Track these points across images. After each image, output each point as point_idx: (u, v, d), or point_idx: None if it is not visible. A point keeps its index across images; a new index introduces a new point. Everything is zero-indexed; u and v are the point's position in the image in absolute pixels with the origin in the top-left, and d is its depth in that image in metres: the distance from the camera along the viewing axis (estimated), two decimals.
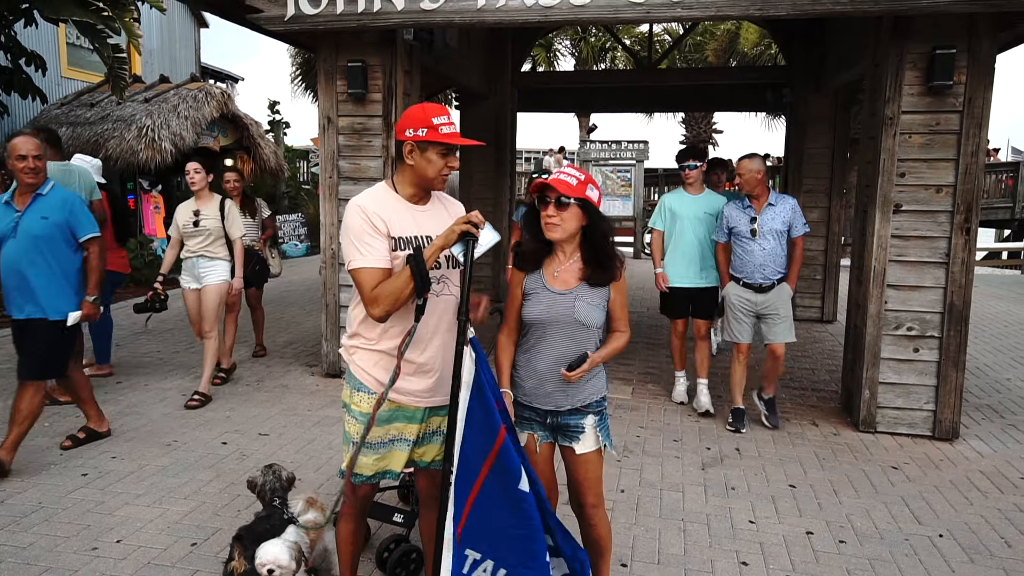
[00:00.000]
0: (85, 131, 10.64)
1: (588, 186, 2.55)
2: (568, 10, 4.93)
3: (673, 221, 5.41)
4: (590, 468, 2.68)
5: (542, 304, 2.62)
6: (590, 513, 2.74)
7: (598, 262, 2.59)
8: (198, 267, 5.56)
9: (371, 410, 2.47)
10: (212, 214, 5.54)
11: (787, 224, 4.91)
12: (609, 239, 2.62)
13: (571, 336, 2.61)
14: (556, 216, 2.54)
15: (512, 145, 10.05)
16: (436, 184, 2.50)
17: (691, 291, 5.41)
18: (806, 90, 8.59)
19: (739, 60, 18.66)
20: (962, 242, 4.82)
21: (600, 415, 2.68)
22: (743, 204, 4.99)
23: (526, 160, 29.78)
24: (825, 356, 7.11)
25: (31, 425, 4.19)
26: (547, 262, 2.67)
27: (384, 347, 2.50)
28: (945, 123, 4.78)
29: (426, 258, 2.37)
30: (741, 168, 4.94)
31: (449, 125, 2.43)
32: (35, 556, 3.27)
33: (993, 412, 5.60)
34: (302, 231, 15.24)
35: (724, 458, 4.57)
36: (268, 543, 2.70)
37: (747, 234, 4.91)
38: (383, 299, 2.37)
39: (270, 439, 4.70)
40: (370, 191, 2.55)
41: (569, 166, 2.68)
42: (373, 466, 2.56)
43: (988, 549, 3.53)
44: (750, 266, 4.93)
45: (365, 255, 2.40)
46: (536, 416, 2.69)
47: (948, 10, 4.45)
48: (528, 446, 2.70)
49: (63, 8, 8.31)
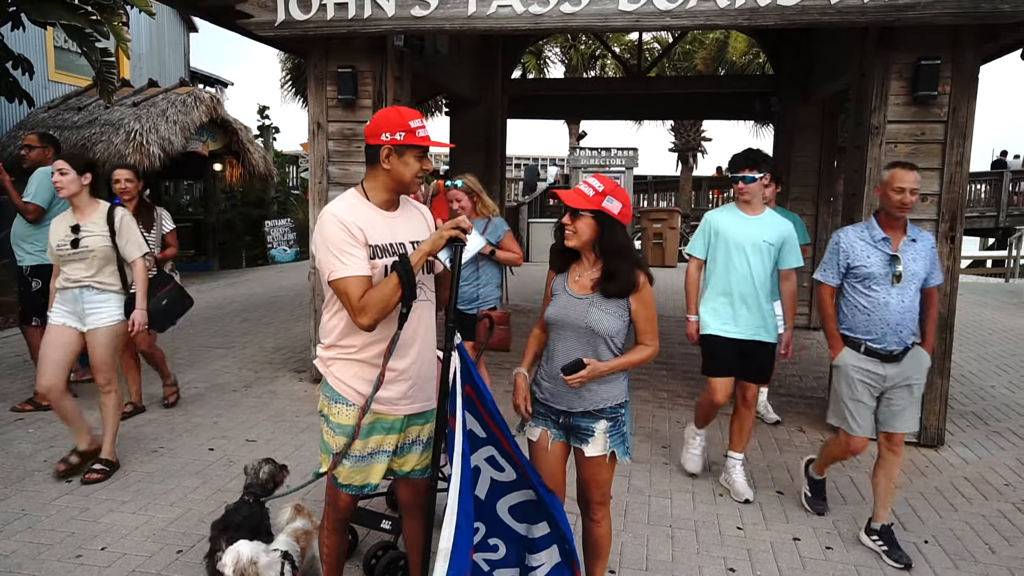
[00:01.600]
0: (73, 135, 10.57)
1: (607, 197, 2.56)
2: (558, 18, 4.95)
3: (721, 248, 4.06)
4: (599, 471, 2.72)
5: (560, 306, 2.67)
6: (595, 508, 2.79)
7: (609, 274, 2.60)
8: (82, 301, 4.11)
9: (352, 422, 2.46)
10: (98, 229, 4.12)
11: (928, 268, 3.53)
12: (623, 252, 2.59)
13: (584, 341, 2.63)
14: (571, 225, 2.60)
15: (502, 151, 10.08)
16: (412, 187, 2.50)
17: (743, 344, 4.05)
18: (794, 99, 8.67)
19: (728, 69, 18.78)
20: (947, 250, 4.87)
21: (615, 421, 2.68)
22: (871, 234, 3.53)
23: (516, 167, 29.84)
24: (813, 363, 7.16)
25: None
26: (574, 266, 2.72)
27: (364, 356, 2.48)
28: (930, 133, 4.84)
29: (413, 264, 2.37)
30: (897, 180, 3.39)
31: (423, 128, 2.43)
32: (18, 564, 3.23)
33: (978, 419, 5.65)
34: (291, 236, 15.20)
35: (712, 464, 4.58)
36: (243, 543, 2.67)
37: (883, 279, 3.46)
38: (371, 308, 2.34)
39: (257, 445, 4.67)
40: (342, 200, 2.51)
41: (595, 176, 2.68)
42: (350, 477, 2.53)
43: (972, 555, 3.56)
44: (881, 325, 3.45)
45: (348, 264, 2.36)
46: (551, 414, 2.72)
47: (933, 21, 4.51)
48: (541, 442, 2.74)
49: (51, 11, 8.26)
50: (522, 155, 33.43)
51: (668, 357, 7.21)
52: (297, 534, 2.97)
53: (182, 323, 8.26)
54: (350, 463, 2.51)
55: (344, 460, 2.50)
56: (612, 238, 2.58)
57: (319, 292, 5.97)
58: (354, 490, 2.57)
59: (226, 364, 6.64)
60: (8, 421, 5.00)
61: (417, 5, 5.08)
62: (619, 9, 4.85)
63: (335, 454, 2.50)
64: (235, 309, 9.39)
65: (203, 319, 8.62)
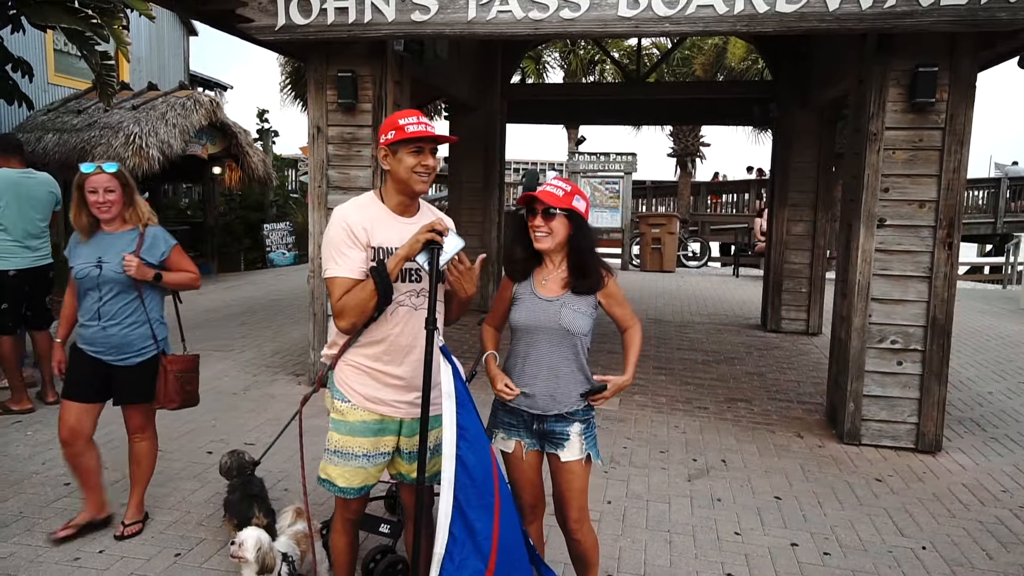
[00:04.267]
0: (72, 138, 10.57)
1: (575, 197, 2.61)
2: (558, 23, 4.97)
3: None
4: (574, 478, 2.69)
5: (529, 310, 2.66)
6: (573, 528, 2.74)
7: (582, 271, 2.63)
8: None
9: (349, 419, 2.51)
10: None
11: None
12: (593, 249, 2.67)
13: (558, 342, 2.63)
14: (544, 226, 2.60)
15: (501, 156, 10.09)
16: (414, 185, 2.48)
17: None
18: (792, 105, 8.69)
19: (726, 74, 18.80)
20: (944, 256, 4.89)
21: (587, 424, 2.69)
22: None
23: (515, 171, 29.89)
24: (810, 368, 7.17)
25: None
26: (537, 271, 2.72)
27: (362, 357, 2.51)
28: (928, 139, 4.86)
29: (389, 269, 2.37)
30: None
31: (417, 124, 2.43)
32: (16, 566, 3.23)
33: (975, 425, 5.66)
34: (290, 240, 15.20)
35: (710, 469, 4.59)
36: (257, 530, 2.73)
37: None
38: (348, 310, 2.37)
39: (256, 448, 4.65)
40: (357, 199, 2.57)
41: (556, 178, 2.72)
42: (343, 477, 2.54)
43: (970, 561, 3.56)
44: None
45: (340, 264, 2.41)
46: (523, 422, 2.70)
47: (930, 28, 4.53)
48: (515, 453, 2.72)
49: (51, 15, 8.27)
50: (521, 159, 33.46)
51: (666, 362, 7.22)
52: (298, 537, 2.99)
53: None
54: (341, 462, 2.53)
55: (334, 457, 2.53)
56: (584, 235, 2.63)
57: (318, 295, 5.98)
58: (353, 493, 2.58)
59: (224, 367, 6.64)
60: (6, 424, 5.00)
61: (417, 10, 5.10)
62: (619, 15, 4.87)
63: (327, 449, 2.56)
64: (233, 312, 9.38)
65: (201, 322, 8.61)
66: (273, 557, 2.74)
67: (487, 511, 2.29)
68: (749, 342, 8.27)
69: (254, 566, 2.72)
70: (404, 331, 2.48)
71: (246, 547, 2.71)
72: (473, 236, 9.40)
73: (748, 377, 6.81)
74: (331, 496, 2.64)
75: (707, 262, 17.55)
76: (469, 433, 2.29)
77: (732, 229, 19.24)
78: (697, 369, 7.04)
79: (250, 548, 2.70)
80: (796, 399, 6.20)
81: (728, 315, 10.06)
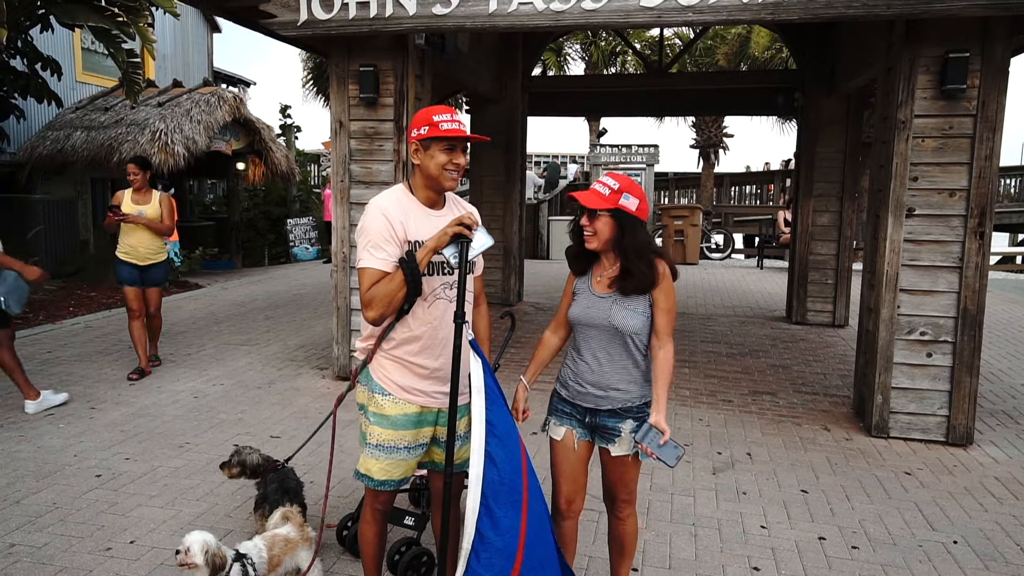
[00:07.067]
0: (99, 135, 10.74)
1: (623, 195, 2.53)
2: (579, 15, 4.93)
3: None
4: (625, 470, 2.71)
5: (583, 306, 2.66)
6: (621, 507, 2.78)
7: (627, 270, 2.58)
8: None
9: (392, 413, 2.52)
10: None
11: None
12: (643, 249, 2.55)
13: (609, 340, 2.63)
14: (589, 226, 2.58)
15: (522, 149, 10.06)
16: (443, 182, 2.49)
17: None
18: (817, 94, 8.55)
19: (750, 64, 18.57)
20: (976, 246, 4.79)
21: (641, 421, 2.67)
22: None
23: (536, 164, 29.82)
24: (837, 360, 7.08)
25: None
26: (596, 266, 2.71)
27: (400, 353, 2.52)
28: (958, 127, 4.76)
29: (419, 260, 2.38)
30: None
31: (451, 122, 2.44)
32: (50, 556, 3.30)
33: (1008, 418, 5.55)
34: (312, 235, 15.31)
35: (735, 463, 4.55)
36: (201, 532, 2.66)
37: None
38: (377, 302, 2.39)
39: (281, 441, 4.71)
40: (390, 193, 2.56)
41: (608, 174, 2.65)
42: (384, 471, 2.56)
43: (1003, 556, 3.50)
44: None
45: (374, 255, 2.41)
46: (576, 413, 2.72)
47: (961, 13, 4.43)
48: (566, 441, 2.73)
49: (79, 14, 8.40)
50: (542, 152, 33.38)
51: (690, 355, 7.17)
52: (274, 540, 2.89)
53: (207, 320, 8.40)
54: (383, 456, 2.54)
55: (375, 451, 2.54)
56: (632, 236, 2.55)
57: (341, 290, 6.02)
58: (392, 485, 2.60)
59: (250, 361, 6.71)
60: (39, 417, 5.10)
61: (438, 3, 5.09)
62: (641, 5, 4.82)
63: (368, 444, 2.56)
64: (258, 307, 9.48)
65: (227, 316, 8.72)
66: (222, 556, 2.64)
67: (515, 508, 2.28)
68: (774, 334, 8.18)
69: (205, 570, 2.60)
70: (442, 323, 2.50)
71: (193, 552, 2.58)
72: (495, 230, 9.39)
73: (773, 370, 6.74)
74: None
75: (731, 254, 17.38)
76: (498, 429, 2.28)
77: (756, 220, 19.02)
78: (721, 362, 6.98)
79: (197, 552, 2.57)
80: (822, 392, 6.12)
81: (752, 307, 9.96)
